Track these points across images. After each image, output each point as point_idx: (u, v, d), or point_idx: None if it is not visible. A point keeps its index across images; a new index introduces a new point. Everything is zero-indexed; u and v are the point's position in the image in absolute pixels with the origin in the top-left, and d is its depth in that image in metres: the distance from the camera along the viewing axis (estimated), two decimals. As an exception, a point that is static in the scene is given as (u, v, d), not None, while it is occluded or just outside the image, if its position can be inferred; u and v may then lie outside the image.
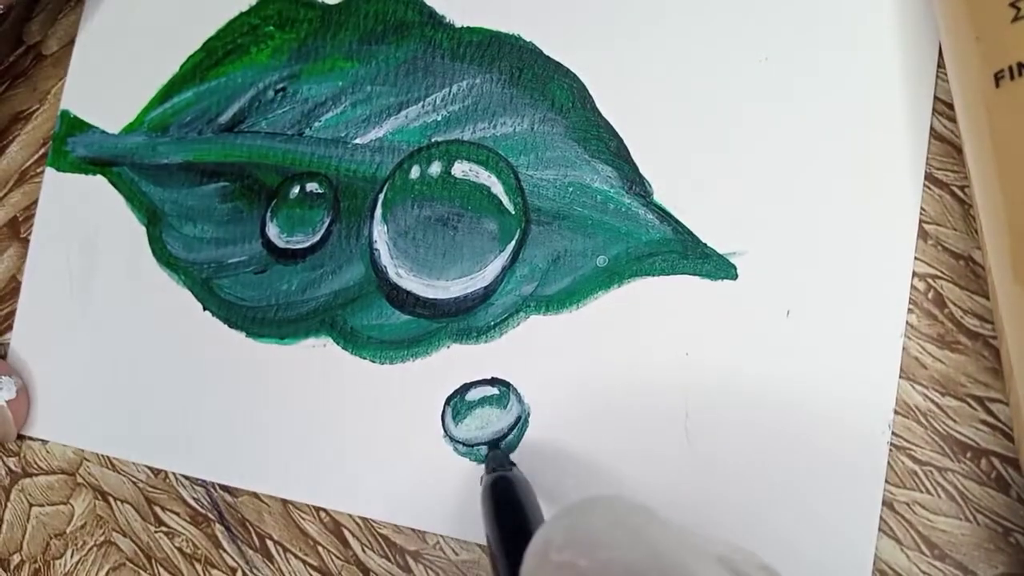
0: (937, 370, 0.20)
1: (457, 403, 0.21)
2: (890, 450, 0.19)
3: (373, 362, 0.22)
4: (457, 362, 0.21)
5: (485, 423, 0.21)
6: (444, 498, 0.21)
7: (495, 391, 0.21)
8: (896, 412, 0.20)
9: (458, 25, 0.22)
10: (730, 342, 0.20)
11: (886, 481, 0.19)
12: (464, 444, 0.21)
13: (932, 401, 0.20)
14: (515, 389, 0.21)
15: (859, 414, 0.19)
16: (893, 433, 0.20)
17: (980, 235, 0.18)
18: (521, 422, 0.21)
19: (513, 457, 0.21)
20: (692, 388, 0.20)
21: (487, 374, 0.21)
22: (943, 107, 0.20)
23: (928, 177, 0.20)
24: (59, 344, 0.25)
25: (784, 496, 0.19)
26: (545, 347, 0.21)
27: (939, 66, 0.20)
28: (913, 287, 0.20)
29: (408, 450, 0.22)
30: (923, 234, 0.20)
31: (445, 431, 0.21)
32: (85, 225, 0.25)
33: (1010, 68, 0.16)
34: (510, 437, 0.21)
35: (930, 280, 0.20)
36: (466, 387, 0.21)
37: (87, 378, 0.24)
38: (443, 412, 0.21)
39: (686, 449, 0.20)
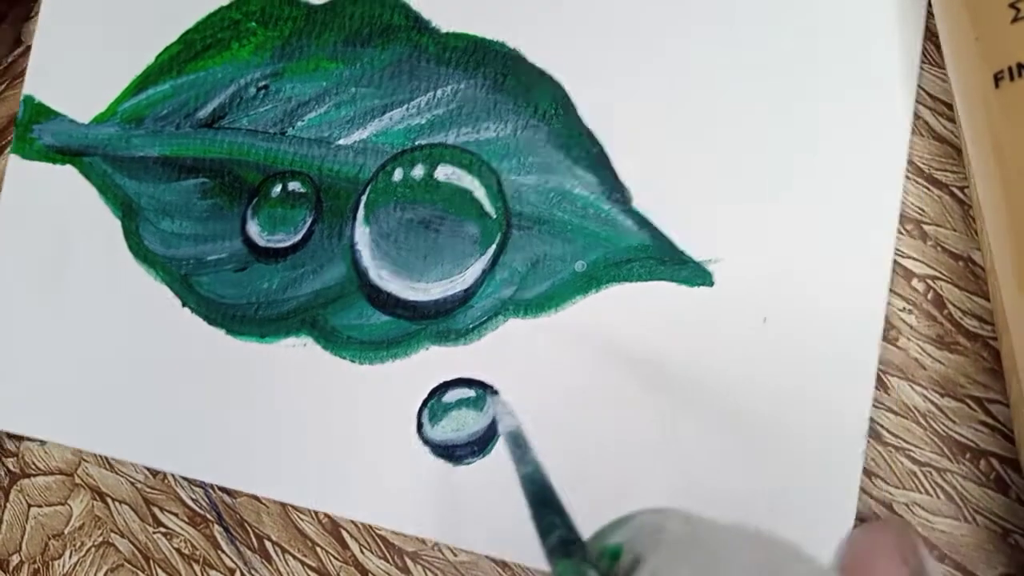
0: (936, 371, 0.22)
1: (434, 405, 0.23)
2: (890, 451, 0.21)
3: (353, 362, 0.24)
4: (436, 364, 0.23)
5: (461, 425, 0.23)
6: (420, 500, 0.23)
7: (472, 393, 0.23)
8: (895, 413, 0.22)
9: (444, 30, 0.24)
10: (706, 349, 0.22)
11: (885, 482, 0.21)
12: (440, 446, 0.23)
13: (931, 402, 0.22)
14: (492, 391, 0.23)
15: (835, 421, 0.21)
16: (892, 434, 0.21)
17: (980, 236, 0.20)
18: (497, 425, 0.23)
19: (487, 460, 0.23)
20: (668, 394, 0.22)
21: (465, 376, 0.23)
22: (943, 107, 0.22)
23: (928, 178, 0.22)
24: (29, 339, 0.26)
25: (759, 503, 0.22)
26: (523, 350, 0.23)
27: (923, 70, 0.22)
28: (912, 288, 0.22)
29: (385, 451, 0.23)
30: (922, 235, 0.22)
31: (421, 433, 0.23)
32: (55, 216, 0.26)
33: (1009, 69, 0.18)
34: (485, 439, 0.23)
35: (929, 281, 0.22)
36: (443, 389, 0.23)
37: (60, 376, 0.26)
38: (420, 413, 0.23)
39: (662, 455, 0.22)
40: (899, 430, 0.22)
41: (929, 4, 0.22)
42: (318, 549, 0.25)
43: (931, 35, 0.22)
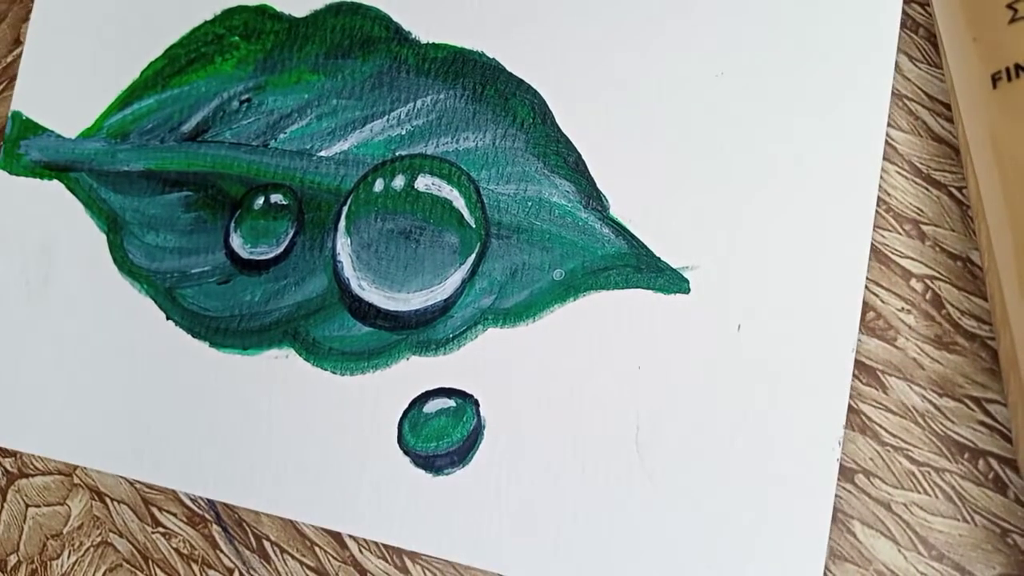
0: (935, 371, 0.22)
1: (415, 415, 0.24)
2: (888, 450, 0.22)
3: (334, 373, 0.25)
4: (416, 374, 0.25)
5: (441, 435, 0.24)
6: (401, 510, 0.24)
7: (452, 403, 0.24)
8: (893, 412, 0.22)
9: (423, 41, 0.26)
10: (681, 356, 0.23)
11: (883, 482, 0.22)
12: (420, 456, 0.24)
13: (930, 402, 0.22)
14: (472, 401, 0.24)
15: (809, 430, 0.22)
16: (890, 434, 0.22)
17: (978, 236, 0.20)
18: (477, 434, 0.24)
19: (467, 469, 0.24)
20: (643, 401, 0.23)
21: (445, 386, 0.24)
22: (941, 108, 0.23)
23: (926, 178, 0.23)
24: (15, 354, 0.27)
25: (732, 511, 0.22)
26: (502, 359, 0.24)
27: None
28: (911, 288, 0.23)
29: (366, 462, 0.24)
30: (920, 235, 0.23)
31: (402, 443, 0.24)
32: (41, 231, 0.28)
33: (1007, 69, 0.19)
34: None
35: (928, 281, 0.23)
36: (424, 399, 0.24)
37: (46, 389, 0.27)
38: (400, 423, 0.24)
39: (636, 462, 0.23)
40: (897, 430, 0.22)
41: (902, 5, 0.23)
42: (316, 549, 0.25)
43: (929, 36, 0.23)
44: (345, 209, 0.26)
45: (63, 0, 0.28)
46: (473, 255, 0.25)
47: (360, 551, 0.25)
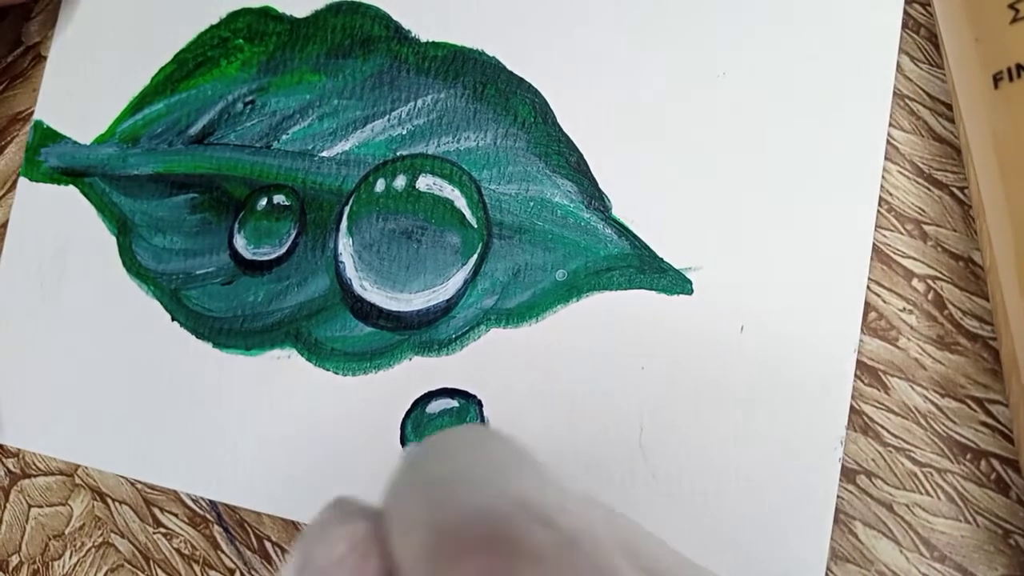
0: (937, 371, 0.22)
1: (417, 416, 0.25)
2: (890, 451, 0.22)
3: (336, 374, 0.25)
4: (419, 375, 0.25)
5: None
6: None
7: (455, 403, 0.24)
8: (895, 413, 0.22)
9: (423, 40, 0.26)
10: (685, 357, 0.23)
11: (885, 483, 0.22)
12: (425, 456, 0.24)
13: (931, 402, 0.22)
14: (475, 401, 0.24)
15: (811, 431, 0.22)
16: (892, 434, 0.22)
17: (980, 236, 0.20)
18: None
19: (472, 468, 0.24)
20: (647, 402, 0.23)
21: (448, 387, 0.24)
22: (942, 108, 0.23)
23: (928, 178, 0.23)
24: (29, 354, 0.28)
25: (735, 511, 0.22)
26: (505, 360, 0.24)
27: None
28: (913, 288, 0.23)
29: (369, 463, 0.25)
30: (922, 235, 0.23)
31: (405, 443, 0.25)
32: (57, 235, 0.28)
33: (1008, 70, 0.18)
34: None
35: (930, 281, 0.23)
36: (426, 400, 0.25)
37: (56, 389, 0.27)
38: (403, 424, 0.25)
39: (640, 463, 0.23)
40: (899, 431, 0.22)
41: (904, 5, 0.23)
42: (318, 549, 0.26)
43: (930, 36, 0.23)
44: (347, 209, 0.26)
45: (85, 13, 0.29)
46: (475, 255, 0.25)
47: (362, 551, 0.25)
